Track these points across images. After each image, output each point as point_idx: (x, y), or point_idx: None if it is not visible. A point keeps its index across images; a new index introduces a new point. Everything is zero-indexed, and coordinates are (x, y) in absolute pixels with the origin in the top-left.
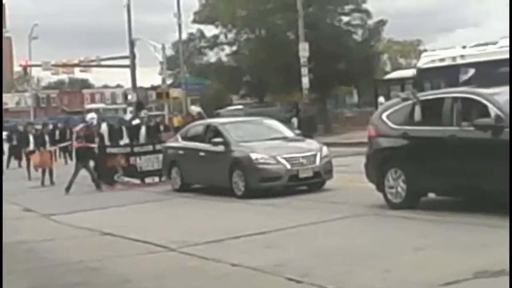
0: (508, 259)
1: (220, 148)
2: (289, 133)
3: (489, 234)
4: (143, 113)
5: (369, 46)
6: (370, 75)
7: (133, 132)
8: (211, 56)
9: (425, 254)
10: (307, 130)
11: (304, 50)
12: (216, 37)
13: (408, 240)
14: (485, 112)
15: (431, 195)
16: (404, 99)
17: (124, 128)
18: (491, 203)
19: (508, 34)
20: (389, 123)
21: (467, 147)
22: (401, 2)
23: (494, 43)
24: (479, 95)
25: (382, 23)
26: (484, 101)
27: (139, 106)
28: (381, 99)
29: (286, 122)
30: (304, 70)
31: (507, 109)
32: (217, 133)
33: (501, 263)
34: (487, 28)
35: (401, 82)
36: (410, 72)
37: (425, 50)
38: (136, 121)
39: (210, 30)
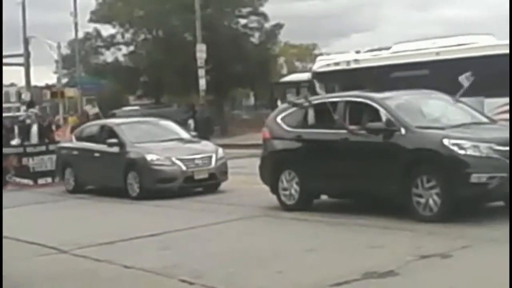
0: (396, 259)
1: (115, 149)
2: (185, 134)
3: (379, 236)
4: (30, 111)
5: (266, 49)
6: (266, 78)
7: (24, 131)
8: (108, 56)
9: (316, 255)
10: (203, 132)
11: (201, 51)
12: (113, 36)
13: (300, 241)
14: (376, 116)
15: (324, 197)
16: (295, 105)
17: (16, 127)
18: (382, 205)
19: (400, 39)
20: (284, 126)
21: (359, 151)
22: (298, 6)
23: (387, 48)
24: (371, 99)
25: (278, 26)
26: (376, 105)
27: (30, 104)
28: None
29: (183, 123)
30: (201, 72)
31: (398, 113)
32: (112, 133)
33: (390, 264)
34: (381, 33)
35: (297, 85)
36: (305, 76)
37: (321, 54)
38: (28, 120)
39: (107, 30)
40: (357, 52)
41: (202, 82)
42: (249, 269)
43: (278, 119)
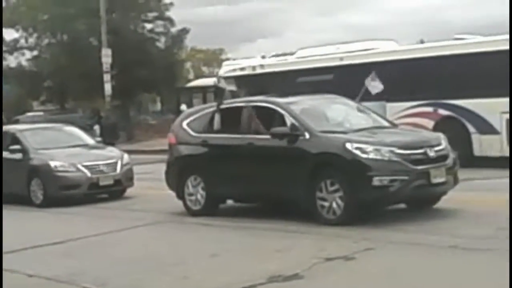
0: (300, 263)
1: (18, 155)
2: (90, 140)
3: (284, 239)
4: None
5: (172, 54)
6: (172, 83)
7: None
8: (11, 61)
9: (221, 259)
10: (108, 137)
11: (106, 56)
12: (16, 41)
13: (206, 246)
14: (282, 121)
15: (230, 201)
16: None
17: None
18: (287, 209)
19: (306, 45)
20: (189, 131)
21: (264, 155)
22: (205, 11)
23: (292, 54)
24: (276, 104)
25: (185, 31)
26: (281, 110)
27: None
28: (183, 106)
29: (88, 129)
30: (107, 77)
31: (302, 118)
32: (15, 140)
33: (294, 267)
34: (287, 38)
35: (203, 90)
36: (211, 81)
37: (227, 59)
38: None
39: (10, 34)
40: (263, 57)
41: (108, 87)
42: (154, 275)
43: (184, 125)
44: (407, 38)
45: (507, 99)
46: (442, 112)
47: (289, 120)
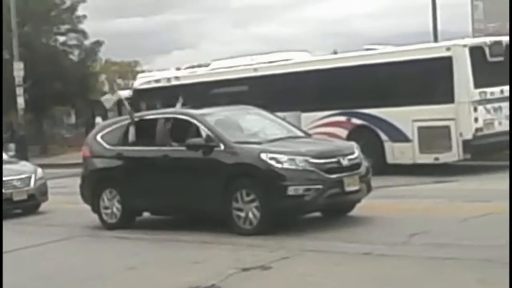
0: (217, 273)
1: None
2: (2, 155)
3: (201, 251)
4: None
5: (86, 67)
6: (86, 96)
7: None
8: None
9: (138, 272)
10: (21, 152)
11: (19, 69)
12: None
13: (122, 259)
14: (196, 133)
15: (147, 214)
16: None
17: None
18: (203, 221)
19: (221, 56)
20: (104, 144)
21: (179, 167)
22: (119, 23)
23: (206, 65)
24: (190, 115)
25: (98, 44)
26: (195, 122)
27: None
28: (98, 119)
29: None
30: (19, 90)
31: (217, 129)
32: None
33: (211, 278)
34: (203, 50)
35: (118, 103)
36: (126, 93)
37: (142, 71)
38: None
39: None
40: (177, 69)
41: (21, 101)
42: None
43: (98, 137)
44: (321, 49)
45: (418, 107)
46: (355, 121)
47: (204, 131)
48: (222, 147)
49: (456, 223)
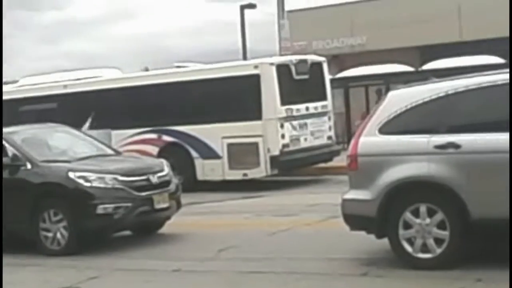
0: None
1: None
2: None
3: (8, 274)
4: None
5: None
6: None
7: None
8: None
9: None
10: None
11: None
12: None
13: None
14: (3, 152)
15: None
16: None
17: None
18: (11, 242)
19: (31, 72)
20: None
21: None
22: None
23: (15, 82)
24: None
25: None
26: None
27: None
28: None
29: None
30: None
31: (23, 147)
32: None
33: None
34: (12, 66)
35: None
36: None
37: None
38: None
39: None
40: None
41: None
42: None
43: None
44: (131, 66)
45: (227, 124)
46: (166, 138)
47: (10, 150)
48: (28, 166)
49: (264, 237)
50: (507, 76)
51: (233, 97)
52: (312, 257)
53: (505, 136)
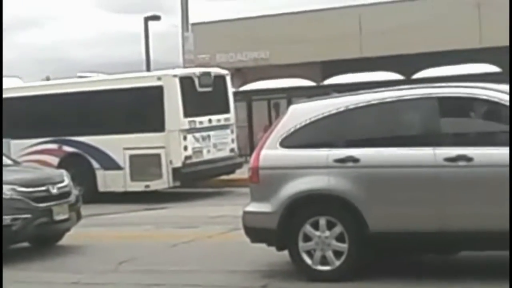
0: None
1: None
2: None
3: None
4: None
5: None
6: None
7: None
8: None
9: None
10: None
11: None
12: None
13: None
14: None
15: None
16: None
17: None
18: None
19: None
20: None
21: None
22: None
23: None
24: None
25: None
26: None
27: None
28: None
29: None
30: None
31: None
32: None
33: None
34: None
35: None
36: None
37: None
38: None
39: None
40: None
41: None
42: None
43: None
44: (33, 75)
45: (130, 136)
46: (67, 149)
47: None
48: None
49: (165, 249)
50: (406, 92)
51: (136, 108)
52: (213, 269)
53: (401, 151)
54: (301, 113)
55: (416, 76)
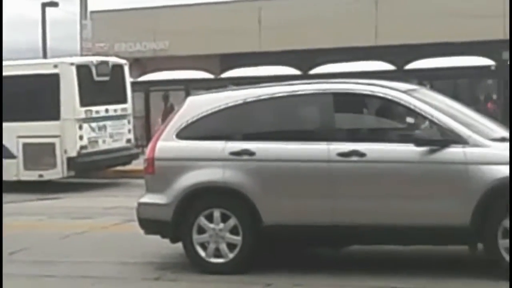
0: None
1: None
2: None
3: None
4: None
5: None
6: None
7: None
8: None
9: None
10: None
11: None
12: None
13: None
14: None
15: None
16: None
17: None
18: None
19: None
20: None
21: None
22: None
23: None
24: None
25: None
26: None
27: None
28: None
29: None
30: None
31: None
32: None
33: None
34: None
35: None
36: None
37: None
38: None
39: None
40: None
41: None
42: None
43: None
44: None
45: (24, 124)
46: None
47: None
48: None
49: (57, 240)
50: (301, 87)
51: (31, 96)
52: (107, 260)
53: (297, 145)
54: (198, 105)
55: (313, 71)
